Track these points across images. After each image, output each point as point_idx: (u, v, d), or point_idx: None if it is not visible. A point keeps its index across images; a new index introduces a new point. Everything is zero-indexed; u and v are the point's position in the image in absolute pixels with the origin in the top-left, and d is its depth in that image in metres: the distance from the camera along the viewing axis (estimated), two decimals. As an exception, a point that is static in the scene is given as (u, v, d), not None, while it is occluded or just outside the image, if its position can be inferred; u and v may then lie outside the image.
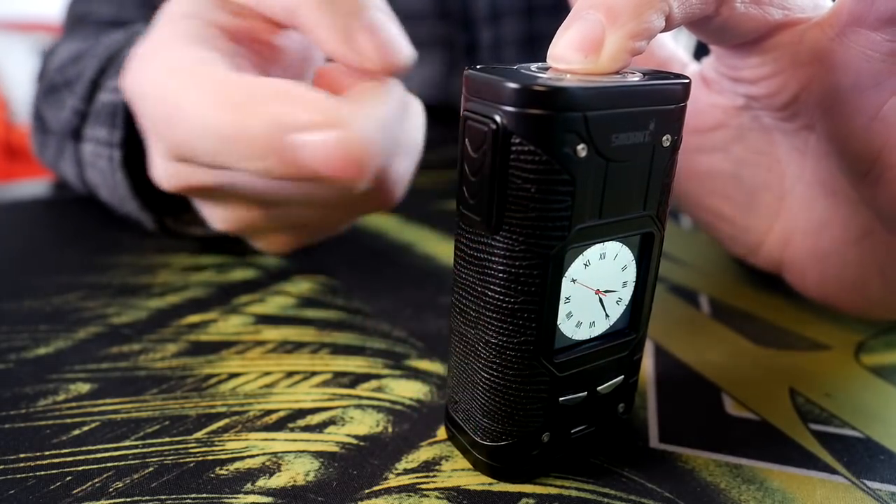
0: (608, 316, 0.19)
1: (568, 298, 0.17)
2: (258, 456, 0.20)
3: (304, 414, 0.22)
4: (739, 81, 0.24)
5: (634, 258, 0.18)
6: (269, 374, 0.24)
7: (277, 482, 0.19)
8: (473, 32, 0.51)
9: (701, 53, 0.27)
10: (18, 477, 0.19)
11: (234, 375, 0.24)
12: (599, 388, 0.19)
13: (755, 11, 0.21)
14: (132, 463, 0.19)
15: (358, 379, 0.24)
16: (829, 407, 0.23)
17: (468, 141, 0.16)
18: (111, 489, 0.18)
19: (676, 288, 0.32)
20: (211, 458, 0.20)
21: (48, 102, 0.37)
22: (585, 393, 0.19)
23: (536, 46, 0.52)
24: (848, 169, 0.23)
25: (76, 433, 0.21)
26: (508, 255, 0.16)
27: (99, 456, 0.20)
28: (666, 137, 0.17)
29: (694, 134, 0.27)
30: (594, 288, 0.18)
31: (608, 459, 0.20)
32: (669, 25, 0.18)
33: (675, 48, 0.27)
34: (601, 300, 0.18)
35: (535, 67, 0.17)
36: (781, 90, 0.23)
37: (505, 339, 0.17)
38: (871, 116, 0.21)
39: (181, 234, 0.34)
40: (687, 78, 0.17)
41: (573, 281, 0.17)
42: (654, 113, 0.16)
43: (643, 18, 0.17)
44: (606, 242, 0.17)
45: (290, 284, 0.31)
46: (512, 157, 0.15)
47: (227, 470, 0.19)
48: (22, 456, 0.19)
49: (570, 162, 0.15)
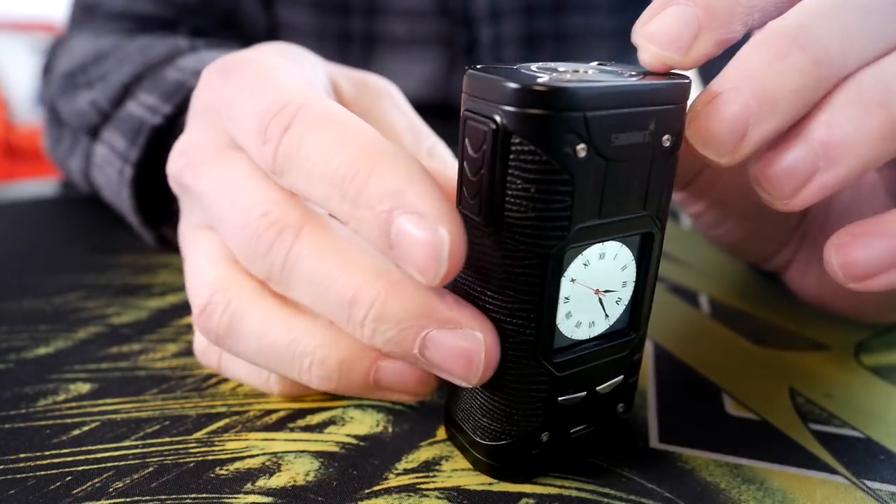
0: (608, 316, 0.19)
1: (567, 298, 0.17)
2: (258, 456, 0.20)
3: (304, 414, 0.22)
4: None
5: (634, 258, 0.18)
6: (269, 373, 0.24)
7: (277, 482, 0.19)
8: (473, 31, 0.51)
9: (707, 68, 0.27)
10: (18, 477, 0.19)
11: (234, 375, 0.24)
12: (599, 387, 0.19)
13: None
14: (132, 463, 0.19)
15: (358, 379, 0.24)
16: (829, 407, 0.23)
17: (468, 141, 0.16)
18: (111, 489, 0.18)
19: (676, 288, 0.32)
20: (211, 458, 0.20)
21: (66, 97, 0.36)
22: (585, 393, 0.19)
23: (536, 45, 0.52)
24: None
25: (76, 433, 0.21)
26: (507, 254, 0.16)
27: (99, 456, 0.20)
28: (666, 137, 0.17)
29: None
30: (594, 288, 0.18)
31: (608, 459, 0.20)
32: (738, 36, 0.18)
33: None
34: (601, 300, 0.18)
35: (535, 67, 0.17)
36: None
37: (504, 338, 0.17)
38: None
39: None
40: (686, 78, 0.17)
41: (572, 281, 0.17)
42: (654, 113, 0.16)
43: (732, 26, 0.17)
44: (606, 242, 0.17)
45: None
46: (511, 156, 0.15)
47: (227, 470, 0.19)
48: (22, 456, 0.19)
49: (569, 162, 0.15)
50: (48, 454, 0.20)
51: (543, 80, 0.15)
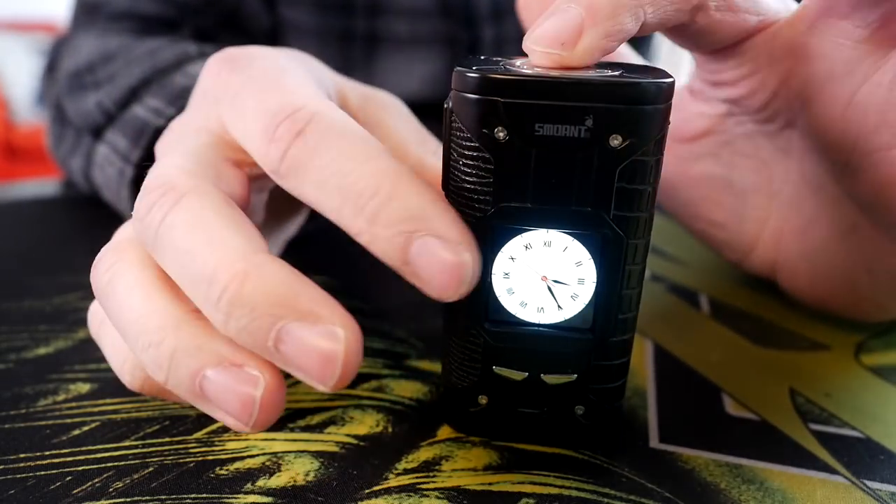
0: (560, 307, 0.19)
1: (507, 274, 0.19)
2: (258, 456, 0.20)
3: (304, 414, 0.22)
4: (720, 86, 0.25)
5: (592, 258, 0.18)
6: (269, 374, 0.24)
7: (277, 482, 0.19)
8: (476, 30, 0.51)
9: None
10: (18, 477, 0.19)
11: (234, 375, 0.24)
12: (545, 376, 0.19)
13: (731, 18, 0.21)
14: (132, 463, 0.19)
15: (358, 379, 0.24)
16: (828, 407, 0.23)
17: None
18: (111, 489, 0.18)
19: (676, 288, 0.32)
20: (211, 458, 0.20)
21: (72, 97, 0.36)
22: (526, 374, 0.19)
23: None
24: (829, 162, 0.24)
25: (76, 433, 0.21)
26: None
27: (99, 456, 0.20)
28: (614, 137, 0.16)
29: (685, 143, 0.27)
30: (539, 273, 0.19)
31: (608, 459, 0.20)
32: (643, 30, 0.19)
33: None
34: (550, 288, 0.19)
35: (519, 63, 0.18)
36: (760, 88, 0.24)
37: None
38: (845, 105, 0.22)
39: None
40: (653, 81, 0.16)
41: (512, 259, 0.18)
42: (590, 109, 0.16)
43: (619, 20, 0.18)
44: (550, 231, 0.18)
45: (290, 284, 0.31)
46: (451, 133, 0.18)
47: (227, 470, 0.19)
48: (22, 456, 0.19)
49: (490, 143, 0.17)
50: (48, 454, 0.20)
51: (487, 68, 0.17)
